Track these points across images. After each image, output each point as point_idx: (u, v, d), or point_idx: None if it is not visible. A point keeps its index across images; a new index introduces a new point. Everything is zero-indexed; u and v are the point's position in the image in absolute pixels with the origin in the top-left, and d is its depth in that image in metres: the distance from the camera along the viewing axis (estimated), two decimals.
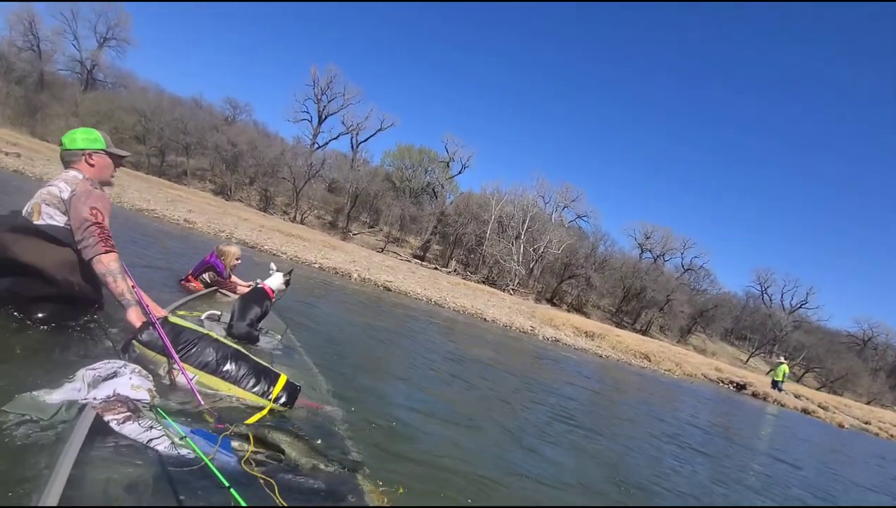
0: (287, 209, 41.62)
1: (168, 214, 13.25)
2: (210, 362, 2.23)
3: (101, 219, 2.41)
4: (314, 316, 5.67)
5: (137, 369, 1.96)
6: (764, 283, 56.50)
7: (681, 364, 16.07)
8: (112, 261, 2.38)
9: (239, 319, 3.18)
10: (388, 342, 5.96)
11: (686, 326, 48.27)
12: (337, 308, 7.36)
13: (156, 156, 41.20)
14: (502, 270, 40.66)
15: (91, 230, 2.36)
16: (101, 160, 2.62)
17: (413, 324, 8.26)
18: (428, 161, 51.98)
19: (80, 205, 2.38)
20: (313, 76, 49.59)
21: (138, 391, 1.82)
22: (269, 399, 2.26)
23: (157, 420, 1.66)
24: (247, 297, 3.38)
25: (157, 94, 45.51)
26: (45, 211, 2.40)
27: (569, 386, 6.99)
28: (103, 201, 2.48)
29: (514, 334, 12.39)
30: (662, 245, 51.32)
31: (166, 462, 1.50)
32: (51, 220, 2.39)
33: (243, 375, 2.26)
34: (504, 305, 18.39)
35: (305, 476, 1.73)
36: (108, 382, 1.79)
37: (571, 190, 49.05)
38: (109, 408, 1.61)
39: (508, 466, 3.03)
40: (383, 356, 5.20)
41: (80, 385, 1.73)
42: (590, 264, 44.99)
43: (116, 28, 47.52)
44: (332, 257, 15.21)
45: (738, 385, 16.55)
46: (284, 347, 3.50)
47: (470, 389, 4.80)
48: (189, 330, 2.30)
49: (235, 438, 1.77)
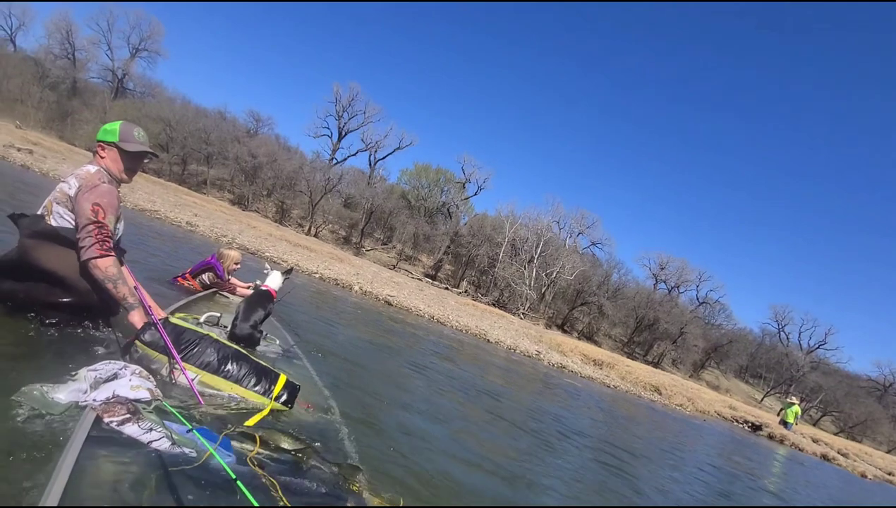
0: (302, 222, 41.94)
1: (171, 216, 13.17)
2: (212, 362, 2.26)
3: (101, 216, 2.32)
4: (302, 324, 5.48)
5: (138, 370, 1.97)
6: (781, 321, 55.15)
7: (693, 399, 15.51)
8: (108, 267, 2.31)
9: (243, 320, 3.17)
10: (379, 352, 5.84)
11: (699, 361, 47.14)
12: (329, 317, 7.14)
13: (178, 164, 42.04)
14: (513, 293, 40.28)
15: (89, 230, 2.28)
16: (110, 154, 2.53)
17: (409, 339, 8.03)
18: (444, 181, 52.38)
19: (83, 200, 2.32)
20: (335, 93, 50.59)
21: (138, 391, 1.82)
22: (270, 398, 2.29)
23: (157, 420, 1.66)
24: (251, 300, 3.38)
25: (184, 105, 46.72)
26: (55, 210, 2.35)
27: (569, 411, 6.72)
28: (109, 196, 2.39)
29: (517, 357, 12.01)
30: (677, 276, 50.58)
31: (166, 462, 1.51)
32: (62, 220, 2.34)
33: (244, 374, 2.30)
34: (511, 328, 18.04)
35: (306, 475, 1.75)
36: (109, 384, 1.80)
37: (587, 216, 48.86)
38: (109, 410, 1.62)
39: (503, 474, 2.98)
40: (374, 365, 5.06)
41: (84, 385, 1.74)
42: (602, 292, 44.41)
43: (149, 39, 49.27)
44: (336, 268, 15.03)
45: (754, 425, 15.94)
46: (284, 351, 3.51)
47: (460, 404, 4.59)
48: (190, 330, 2.33)
49: (235, 438, 1.79)
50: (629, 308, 45.84)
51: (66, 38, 46.67)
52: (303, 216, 42.67)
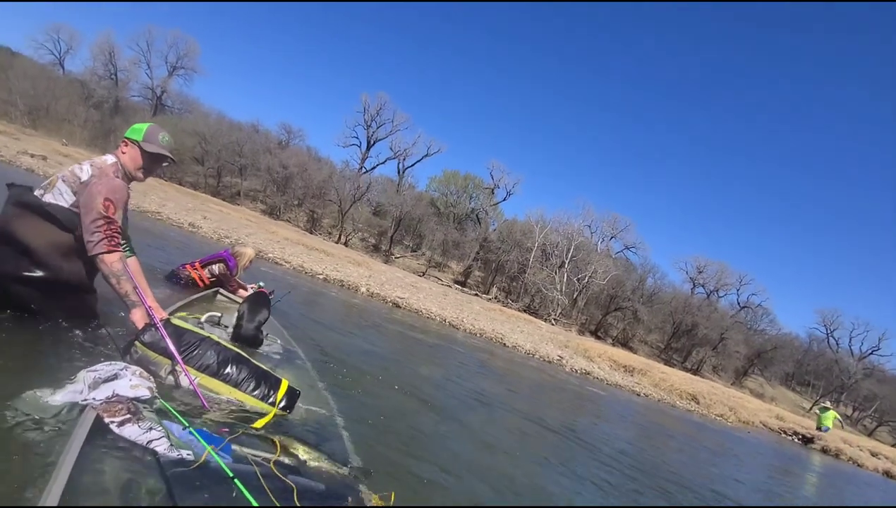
0: (332, 231, 42.45)
1: (174, 218, 13.13)
2: (211, 364, 2.24)
3: (111, 212, 2.35)
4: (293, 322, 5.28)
5: (139, 371, 1.97)
6: (830, 326, 52.12)
7: (735, 409, 14.62)
8: (115, 262, 2.33)
9: (248, 321, 3.19)
10: (365, 353, 5.52)
11: (742, 368, 45.12)
12: (318, 316, 6.87)
13: (213, 176, 43.22)
14: (544, 299, 39.58)
15: (98, 225, 2.30)
16: (131, 152, 2.59)
17: (404, 340, 7.64)
18: (473, 187, 52.17)
19: (95, 191, 2.33)
20: (364, 103, 51.16)
21: (137, 390, 1.83)
22: (270, 403, 2.28)
23: (157, 420, 1.66)
24: (255, 300, 3.39)
25: (218, 119, 48.12)
26: (58, 186, 2.36)
27: (585, 419, 6.31)
28: (120, 192, 2.42)
29: (534, 362, 11.37)
30: (716, 280, 48.63)
31: (166, 461, 1.51)
32: (59, 198, 2.34)
33: (244, 379, 2.28)
34: (537, 333, 17.51)
35: (306, 476, 1.75)
36: (108, 384, 1.80)
37: (619, 220, 47.63)
38: (109, 409, 1.62)
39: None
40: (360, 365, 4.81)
41: (81, 386, 1.73)
42: (637, 297, 43.16)
43: (185, 57, 51.01)
44: (348, 271, 14.73)
45: (805, 437, 14.96)
46: (284, 351, 3.53)
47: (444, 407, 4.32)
48: (191, 332, 2.31)
49: (237, 440, 1.78)
50: (665, 313, 44.32)
51: (110, 59, 48.89)
52: (333, 225, 43.19)
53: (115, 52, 48.80)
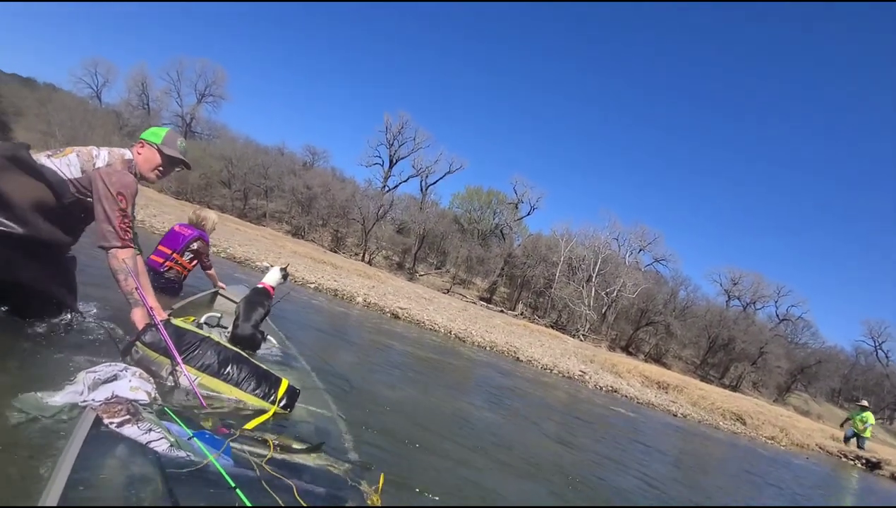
0: (356, 250, 42.55)
1: (157, 226, 12.43)
2: (212, 364, 2.25)
3: (125, 205, 2.36)
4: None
5: (139, 372, 1.97)
6: (878, 338, 49.46)
7: (786, 430, 13.46)
8: (127, 258, 2.33)
9: (244, 320, 3.16)
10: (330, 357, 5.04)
11: (784, 383, 42.97)
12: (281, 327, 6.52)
13: (239, 199, 44.04)
14: (572, 315, 38.65)
15: (116, 216, 2.31)
16: (148, 152, 2.60)
17: (387, 353, 6.58)
18: (496, 203, 51.88)
19: (108, 183, 2.32)
20: (386, 122, 51.64)
21: (137, 392, 1.83)
22: (271, 402, 2.29)
23: (156, 422, 1.66)
24: (250, 298, 3.34)
25: (245, 144, 49.22)
26: (69, 158, 2.35)
27: (607, 445, 5.69)
28: (131, 187, 2.42)
29: (551, 378, 10.33)
30: (753, 292, 46.77)
31: (166, 463, 1.50)
32: (64, 168, 2.32)
33: (244, 378, 2.29)
34: (561, 348, 16.60)
35: (307, 476, 1.75)
36: (108, 385, 1.81)
37: (648, 232, 46.36)
38: (109, 410, 1.62)
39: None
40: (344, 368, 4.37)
41: (81, 387, 1.74)
42: (669, 311, 41.78)
43: (213, 85, 52.61)
44: (350, 282, 14.01)
45: (869, 462, 13.77)
46: (283, 353, 3.54)
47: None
48: (191, 332, 2.32)
49: (237, 441, 1.78)
50: (700, 327, 42.75)
51: (143, 90, 50.90)
52: (357, 244, 43.33)
53: (147, 82, 50.84)
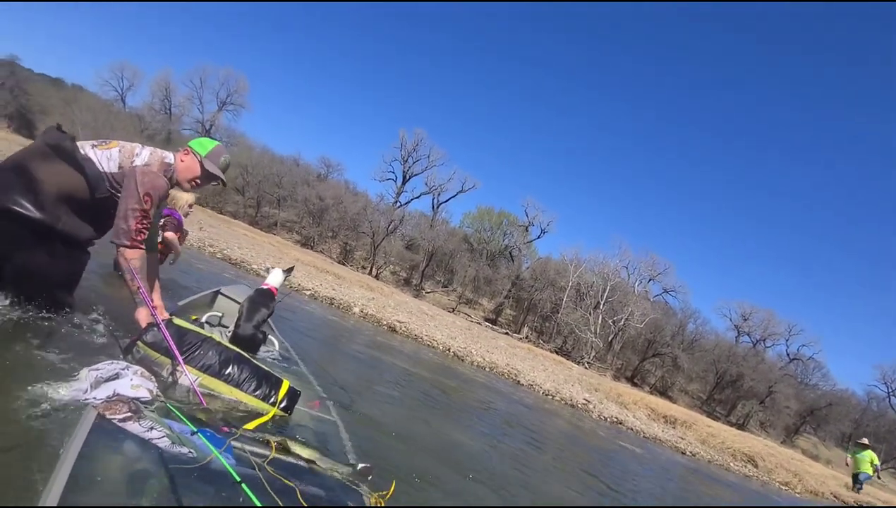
0: (365, 263, 42.60)
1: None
2: (213, 364, 2.25)
3: (149, 206, 2.37)
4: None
5: (140, 370, 1.97)
6: (891, 383, 48.05)
7: (800, 476, 12.95)
8: (134, 258, 2.35)
9: (246, 320, 3.16)
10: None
11: (793, 425, 41.84)
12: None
13: (252, 206, 44.49)
14: (578, 341, 38.16)
15: (137, 216, 2.33)
16: (190, 162, 2.61)
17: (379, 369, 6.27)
18: (507, 224, 51.82)
19: (140, 181, 2.35)
20: (401, 139, 52.12)
21: (138, 390, 1.83)
22: (271, 403, 2.30)
23: (158, 420, 1.65)
24: (254, 299, 3.35)
25: (262, 152, 49.92)
26: (112, 151, 2.39)
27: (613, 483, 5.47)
28: (161, 190, 2.45)
29: (553, 405, 9.97)
30: (763, 329, 45.86)
31: (168, 461, 1.50)
32: (104, 160, 2.36)
33: (245, 379, 2.29)
34: (566, 374, 16.34)
35: (307, 477, 1.75)
36: (110, 383, 1.80)
37: (658, 261, 45.90)
38: (110, 408, 1.61)
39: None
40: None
41: (85, 385, 1.74)
42: (677, 343, 41.08)
43: (235, 94, 53.62)
44: (345, 291, 13.79)
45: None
46: (283, 356, 3.58)
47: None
48: (193, 332, 2.32)
49: (238, 440, 1.78)
50: (708, 361, 41.92)
51: (166, 95, 52.04)
52: (365, 257, 43.40)
53: (171, 88, 51.97)
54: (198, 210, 28.45)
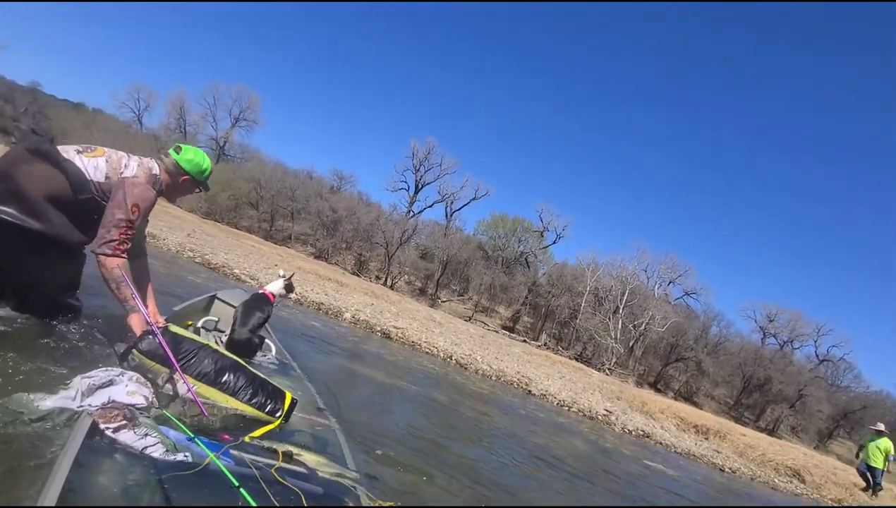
0: (379, 274, 42.46)
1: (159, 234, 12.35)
2: (208, 373, 2.24)
3: (136, 217, 2.37)
4: None
5: (135, 376, 1.97)
6: None
7: (850, 490, 11.68)
8: (114, 268, 2.32)
9: (241, 325, 3.15)
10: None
11: (826, 429, 40.29)
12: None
13: (266, 221, 44.74)
14: (598, 347, 37.33)
15: (121, 226, 2.31)
16: (174, 170, 2.65)
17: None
18: (522, 230, 51.30)
19: (128, 193, 2.34)
20: (412, 148, 52.13)
21: (134, 396, 1.84)
22: (267, 412, 2.28)
23: (153, 427, 1.65)
24: (249, 304, 3.33)
25: (275, 167, 50.40)
26: (98, 160, 2.36)
27: None
28: (148, 202, 2.47)
29: (569, 417, 9.18)
30: (790, 330, 44.37)
31: (163, 468, 1.50)
32: (90, 169, 2.34)
33: (241, 387, 2.27)
34: (585, 381, 15.59)
35: (307, 481, 1.74)
36: (104, 390, 1.81)
37: (678, 263, 44.83)
38: (105, 415, 1.61)
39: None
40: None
41: (74, 393, 1.74)
42: (701, 346, 39.96)
43: (247, 110, 54.43)
44: (339, 296, 13.25)
45: None
46: (278, 361, 3.56)
47: None
48: (189, 340, 2.31)
49: (237, 449, 1.78)
50: (734, 365, 40.66)
51: (181, 114, 53.06)
52: (380, 268, 43.27)
53: (185, 107, 52.97)
54: (211, 225, 28.66)
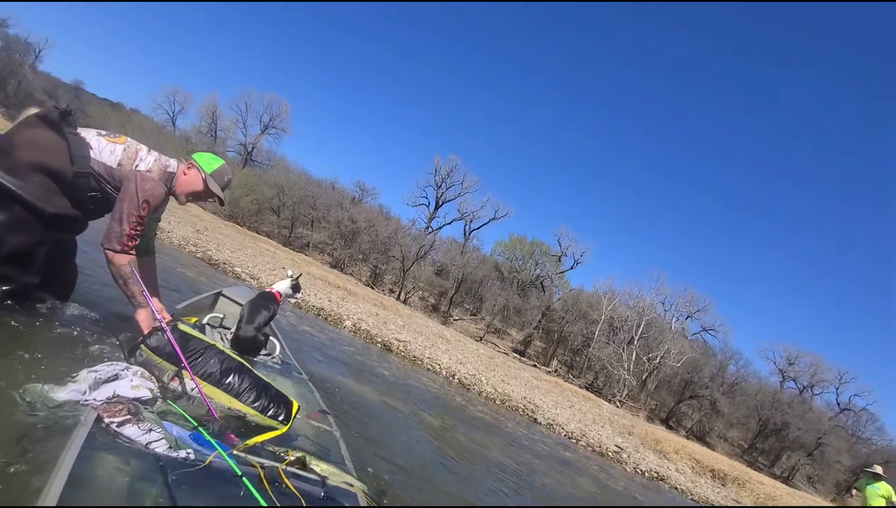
0: (394, 287, 42.52)
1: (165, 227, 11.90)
2: (214, 373, 2.24)
3: (146, 212, 2.36)
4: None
5: (140, 371, 1.98)
6: None
7: None
8: (123, 264, 2.32)
9: (247, 322, 3.17)
10: None
11: (844, 482, 38.53)
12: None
13: (286, 227, 45.34)
14: (610, 377, 36.62)
15: (131, 220, 2.30)
16: (193, 176, 2.59)
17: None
18: (539, 254, 51.04)
19: (139, 188, 2.32)
20: (436, 165, 52.54)
21: (138, 390, 1.84)
22: (270, 416, 2.28)
23: (156, 422, 1.66)
24: (255, 301, 3.36)
25: (299, 175, 51.26)
26: (115, 147, 2.36)
27: None
28: (158, 200, 2.44)
29: (576, 452, 8.57)
30: (810, 374, 42.94)
31: (167, 462, 1.51)
32: (105, 152, 2.33)
33: (245, 390, 2.28)
34: (595, 412, 15.20)
35: (307, 485, 1.75)
36: (109, 384, 1.81)
37: (697, 298, 44.05)
38: (109, 410, 1.62)
39: None
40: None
41: (83, 386, 1.74)
42: (716, 385, 38.92)
43: (277, 118, 55.56)
44: (342, 304, 12.82)
45: None
46: (282, 362, 3.57)
47: None
48: (196, 339, 2.31)
49: (243, 449, 1.80)
50: (750, 407, 39.47)
51: (213, 119, 54.47)
52: (395, 281, 43.34)
53: (217, 112, 54.36)
54: (231, 228, 29.05)
